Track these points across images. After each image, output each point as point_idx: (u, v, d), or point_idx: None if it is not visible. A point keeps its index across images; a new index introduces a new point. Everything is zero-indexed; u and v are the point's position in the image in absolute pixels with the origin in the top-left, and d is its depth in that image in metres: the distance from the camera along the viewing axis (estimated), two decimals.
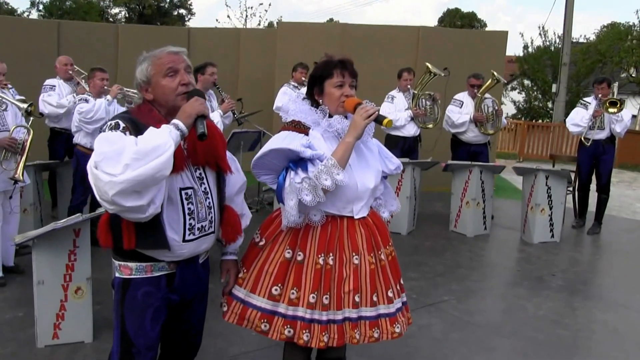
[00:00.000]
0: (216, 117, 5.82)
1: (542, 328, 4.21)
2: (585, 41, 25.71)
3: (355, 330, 2.52)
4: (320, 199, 2.38)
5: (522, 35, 46.89)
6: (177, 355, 2.62)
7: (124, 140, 2.04)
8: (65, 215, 5.73)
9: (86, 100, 5.49)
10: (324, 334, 2.50)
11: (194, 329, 2.60)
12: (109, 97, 5.54)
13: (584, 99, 7.37)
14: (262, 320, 2.56)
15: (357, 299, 2.51)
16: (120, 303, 2.31)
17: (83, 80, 6.45)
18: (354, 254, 2.52)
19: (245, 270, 2.63)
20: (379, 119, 2.43)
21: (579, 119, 7.02)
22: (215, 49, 10.17)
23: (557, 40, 23.46)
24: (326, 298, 2.50)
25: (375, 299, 2.56)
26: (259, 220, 2.79)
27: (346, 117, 2.55)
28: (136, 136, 2.08)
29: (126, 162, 1.97)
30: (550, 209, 6.42)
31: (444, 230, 6.92)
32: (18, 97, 5.81)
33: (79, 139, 5.59)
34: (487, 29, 39.31)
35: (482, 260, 5.92)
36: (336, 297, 2.50)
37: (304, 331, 2.50)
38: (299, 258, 2.53)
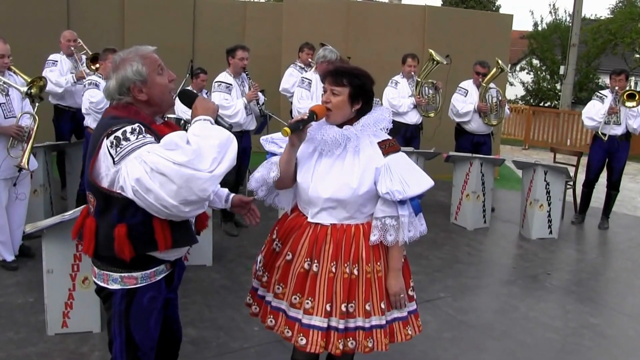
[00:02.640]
0: (240, 104, 5.87)
1: (532, 330, 4.37)
2: (596, 19, 25.50)
3: (270, 316, 2.73)
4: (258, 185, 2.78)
5: (532, 14, 46.43)
6: (165, 352, 2.70)
7: (190, 137, 2.11)
8: (74, 197, 5.88)
9: (96, 85, 5.44)
10: (254, 305, 2.82)
11: (176, 323, 2.71)
12: None
13: (600, 91, 7.26)
14: (254, 279, 2.87)
15: (277, 290, 2.71)
16: (125, 313, 2.36)
17: (84, 57, 6.45)
18: (289, 252, 2.69)
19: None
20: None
21: (594, 112, 6.93)
22: (220, 20, 10.20)
23: (568, 19, 23.28)
24: (265, 277, 2.78)
25: (294, 300, 2.63)
26: None
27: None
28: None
29: (214, 156, 2.08)
30: (549, 205, 6.52)
31: (444, 222, 7.06)
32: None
33: (89, 122, 5.58)
34: (498, 1, 38.87)
35: (479, 255, 6.08)
36: (268, 280, 2.76)
37: (254, 302, 2.85)
38: (274, 236, 2.81)
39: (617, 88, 6.85)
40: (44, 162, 5.70)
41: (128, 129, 2.15)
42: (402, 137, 7.27)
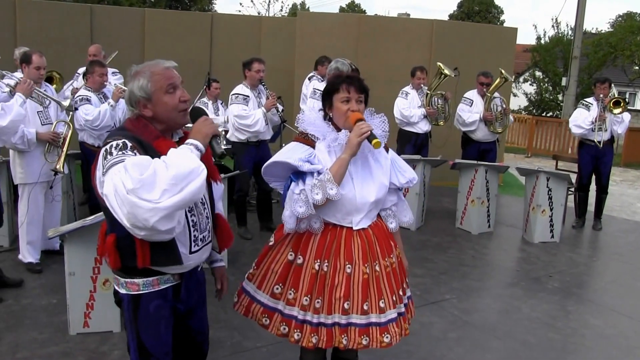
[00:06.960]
0: (259, 113, 5.82)
1: (534, 331, 4.31)
2: (597, 33, 25.31)
3: (343, 336, 2.57)
4: (312, 211, 2.48)
5: (536, 27, 46.24)
6: None
7: (153, 163, 1.95)
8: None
9: (88, 100, 5.29)
10: (313, 335, 2.59)
11: (201, 335, 2.60)
12: (111, 101, 5.33)
13: (585, 99, 7.27)
14: (264, 315, 2.72)
15: (346, 305, 2.56)
16: (134, 319, 2.30)
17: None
18: (347, 263, 2.58)
19: (255, 267, 2.79)
20: (369, 138, 2.46)
21: (581, 120, 6.97)
22: (236, 35, 10.25)
23: (570, 33, 23.11)
24: (318, 302, 2.59)
25: (366, 307, 2.58)
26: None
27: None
28: (142, 154, 2.05)
29: (164, 188, 1.91)
30: (551, 210, 6.46)
31: (450, 227, 6.99)
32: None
33: (84, 137, 5.51)
34: (503, 16, 38.85)
35: (484, 258, 6.00)
36: (327, 302, 2.59)
37: (295, 330, 2.62)
38: (299, 261, 2.65)
39: (602, 95, 6.89)
40: (68, 170, 5.68)
41: (114, 143, 2.06)
42: (412, 145, 7.22)
